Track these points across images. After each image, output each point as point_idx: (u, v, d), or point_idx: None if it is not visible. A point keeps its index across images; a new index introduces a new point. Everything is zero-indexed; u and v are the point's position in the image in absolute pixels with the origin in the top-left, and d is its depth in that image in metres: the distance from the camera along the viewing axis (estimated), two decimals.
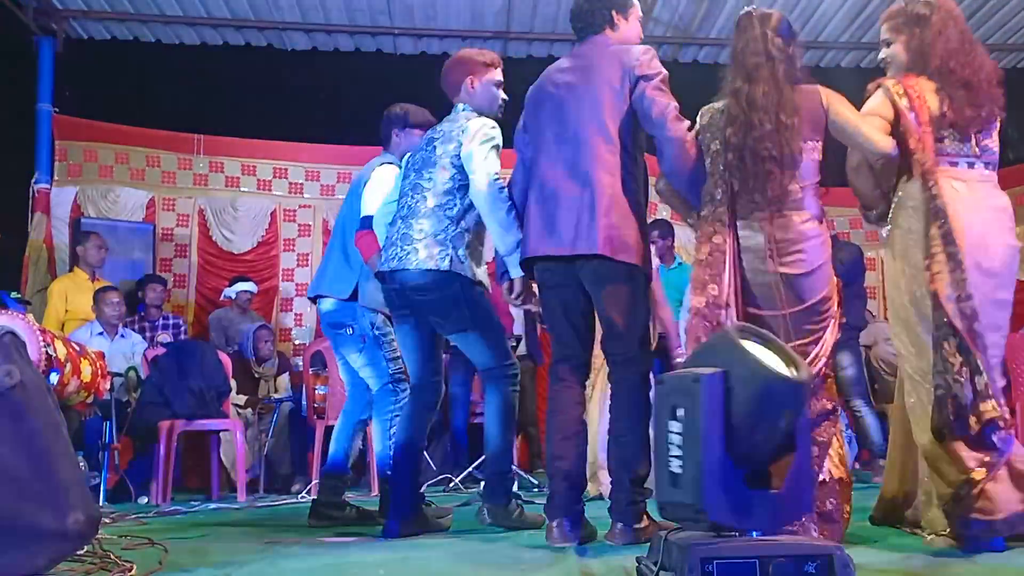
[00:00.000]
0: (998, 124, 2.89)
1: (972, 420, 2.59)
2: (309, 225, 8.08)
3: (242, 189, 8.01)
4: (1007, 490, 2.58)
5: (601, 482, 4.45)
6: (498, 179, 3.19)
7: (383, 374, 3.72)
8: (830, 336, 2.81)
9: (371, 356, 3.73)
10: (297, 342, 7.86)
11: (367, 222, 3.66)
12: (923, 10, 2.96)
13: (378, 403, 3.73)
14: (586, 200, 2.90)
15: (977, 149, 2.84)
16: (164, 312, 6.72)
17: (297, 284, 8.03)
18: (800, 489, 1.91)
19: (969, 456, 2.61)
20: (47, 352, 3.43)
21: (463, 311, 3.26)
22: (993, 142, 2.88)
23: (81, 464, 3.37)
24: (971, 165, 2.85)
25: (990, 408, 2.59)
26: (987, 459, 2.60)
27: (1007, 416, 2.67)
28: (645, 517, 2.90)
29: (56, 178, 7.40)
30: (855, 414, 5.53)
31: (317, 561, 2.64)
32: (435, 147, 3.35)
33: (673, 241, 5.84)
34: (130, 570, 2.26)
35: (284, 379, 6.71)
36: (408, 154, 3.59)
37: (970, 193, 2.79)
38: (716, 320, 2.73)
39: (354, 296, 3.73)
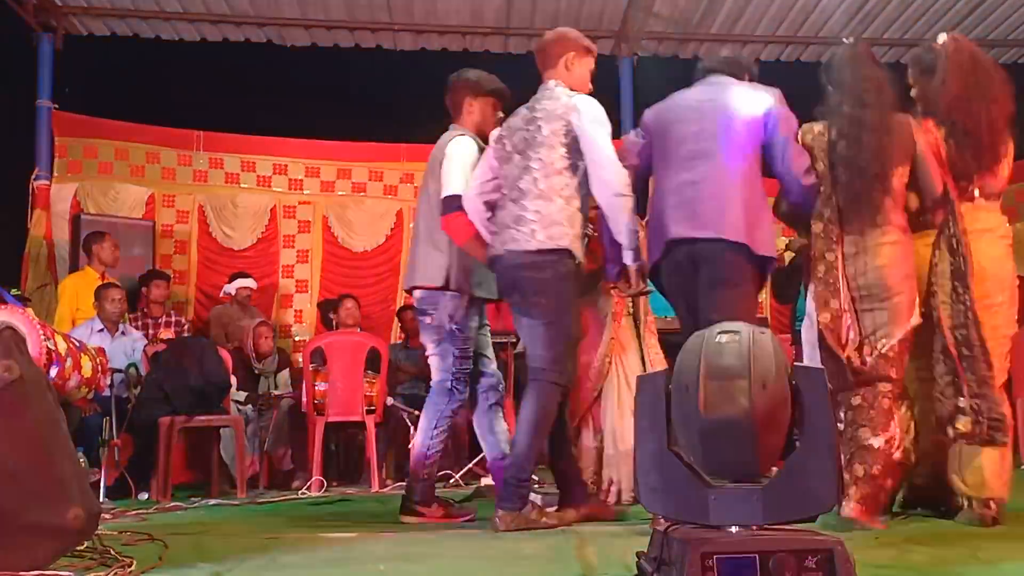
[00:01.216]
0: (1001, 161, 3.20)
1: (949, 431, 3.07)
2: (309, 221, 8.08)
3: (242, 185, 8.01)
4: None
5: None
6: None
7: (446, 370, 3.59)
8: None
9: (443, 349, 3.59)
10: (297, 338, 7.86)
11: (453, 202, 3.47)
12: (929, 58, 3.30)
13: (435, 398, 3.62)
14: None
15: (977, 185, 3.18)
16: (166, 309, 6.72)
17: (297, 280, 8.03)
18: (798, 490, 1.88)
19: None
20: (47, 346, 3.42)
21: (545, 299, 3.20)
22: (994, 176, 3.19)
23: (81, 460, 3.37)
24: (972, 199, 3.18)
25: (963, 424, 3.04)
26: None
27: (997, 416, 3.02)
28: None
29: (56, 174, 7.41)
30: None
31: (317, 557, 2.64)
32: (540, 125, 3.26)
33: None
34: (130, 566, 2.26)
35: (284, 375, 6.71)
36: (498, 134, 3.45)
37: (969, 220, 3.14)
38: (840, 331, 3.06)
39: (447, 284, 3.56)
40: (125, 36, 7.85)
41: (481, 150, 3.57)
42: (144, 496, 5.00)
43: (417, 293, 3.67)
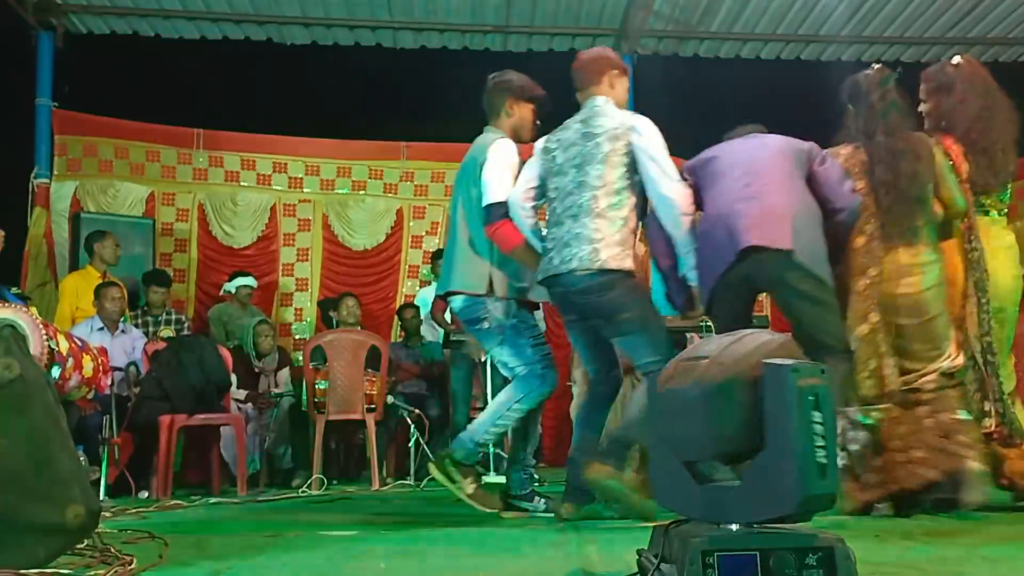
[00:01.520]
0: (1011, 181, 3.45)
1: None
2: (309, 220, 8.09)
3: (242, 184, 8.01)
4: None
5: None
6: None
7: (529, 359, 3.53)
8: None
9: (514, 345, 3.54)
10: (297, 337, 7.86)
11: (499, 210, 3.45)
12: (947, 77, 3.45)
13: (522, 382, 3.54)
14: None
15: (991, 200, 3.40)
16: (166, 307, 6.73)
17: (297, 279, 8.04)
18: (773, 488, 1.87)
19: None
20: (49, 346, 3.42)
21: (630, 313, 3.20)
22: (1005, 192, 3.43)
23: (81, 458, 3.37)
24: (986, 213, 3.40)
25: (987, 425, 3.29)
26: None
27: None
28: None
29: (56, 173, 7.43)
30: None
31: (318, 554, 2.64)
32: (599, 142, 3.25)
33: None
34: (130, 564, 2.25)
35: (284, 374, 6.72)
36: (546, 146, 3.42)
37: (983, 237, 3.34)
38: (875, 345, 3.19)
39: (490, 290, 3.53)
40: (125, 34, 7.85)
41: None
42: (144, 494, 5.01)
43: (458, 302, 3.61)
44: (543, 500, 3.66)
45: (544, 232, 3.42)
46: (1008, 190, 3.48)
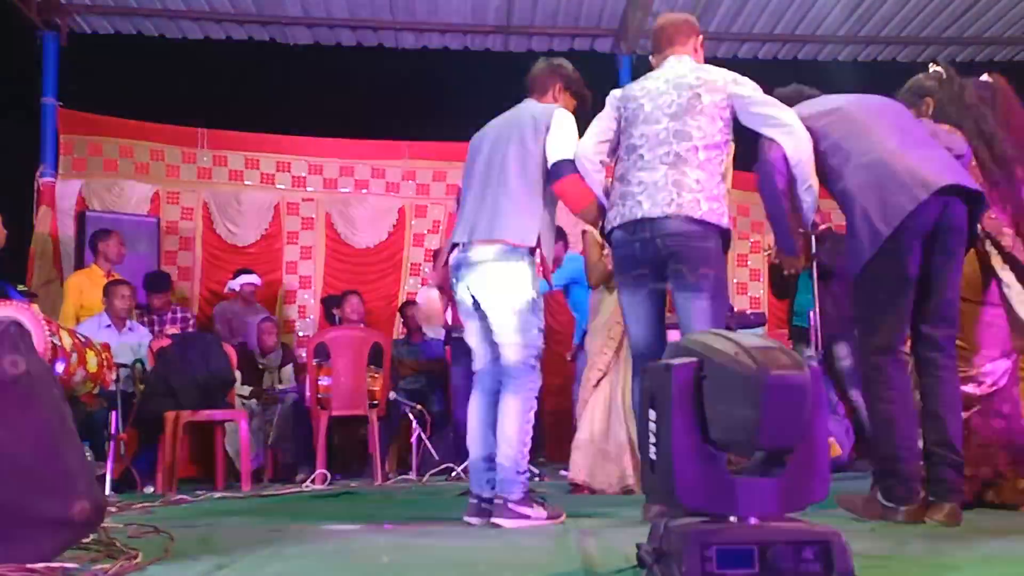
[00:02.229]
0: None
1: None
2: (312, 218, 8.11)
3: (246, 182, 8.04)
4: None
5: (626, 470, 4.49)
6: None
7: (530, 345, 3.25)
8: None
9: (524, 320, 3.24)
10: (301, 334, 7.89)
11: (570, 167, 3.26)
12: (988, 91, 3.43)
13: (516, 379, 3.23)
14: None
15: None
16: (173, 306, 6.75)
17: (300, 277, 8.07)
18: (806, 477, 1.90)
19: None
20: (52, 342, 3.45)
21: (712, 270, 3.06)
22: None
23: (87, 454, 3.39)
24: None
25: None
26: None
27: None
28: None
29: (61, 172, 7.45)
30: (852, 405, 5.55)
31: (322, 549, 2.66)
32: (698, 93, 3.12)
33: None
34: (136, 558, 2.27)
35: (288, 370, 6.74)
36: (625, 95, 3.28)
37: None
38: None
39: (536, 246, 3.27)
40: (129, 34, 7.87)
41: None
42: (150, 490, 5.04)
43: (487, 254, 3.26)
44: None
45: (615, 183, 3.25)
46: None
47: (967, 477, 3.04)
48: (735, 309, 7.42)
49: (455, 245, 3.41)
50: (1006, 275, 3.20)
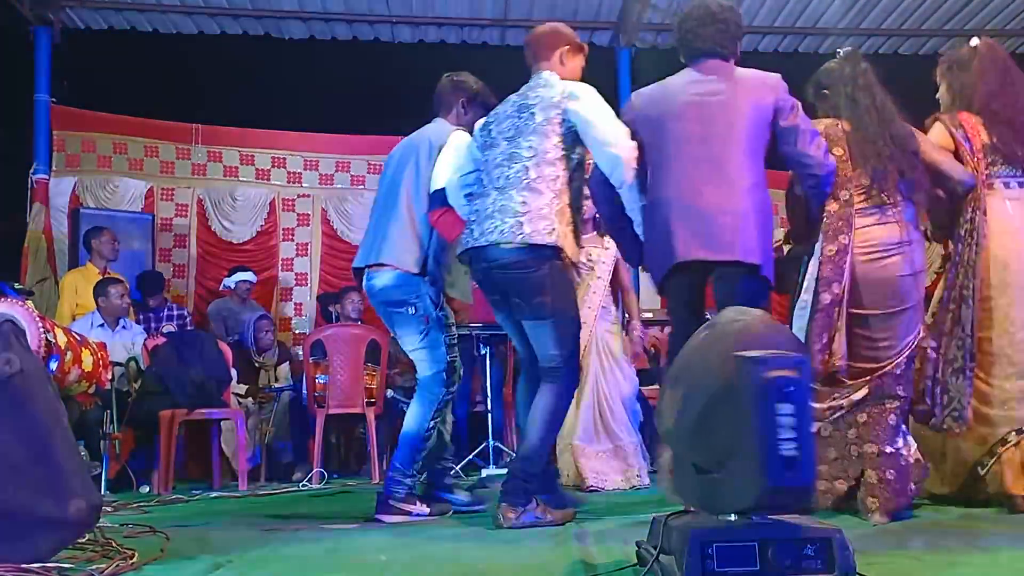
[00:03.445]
0: None
1: None
2: (308, 214, 8.09)
3: (241, 179, 8.01)
4: None
5: (583, 467, 4.49)
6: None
7: (441, 360, 3.46)
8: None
9: (432, 339, 3.45)
10: (297, 331, 7.87)
11: (443, 197, 3.39)
12: (965, 55, 3.35)
13: (425, 388, 3.49)
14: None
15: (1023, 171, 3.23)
16: (168, 303, 6.73)
17: (296, 274, 8.04)
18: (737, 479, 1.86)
19: None
20: (47, 338, 3.43)
21: (547, 297, 3.05)
22: None
23: (82, 453, 3.37)
24: (1021, 184, 3.23)
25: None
26: None
27: None
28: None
29: (55, 168, 7.41)
30: None
31: (319, 547, 2.65)
32: (534, 114, 3.11)
33: None
34: (132, 558, 2.26)
35: (284, 368, 6.72)
36: (484, 122, 3.32)
37: (1021, 209, 3.19)
38: (832, 316, 2.97)
39: (422, 272, 3.43)
40: (123, 29, 7.83)
41: None
42: (145, 489, 5.02)
43: (388, 278, 3.45)
44: (466, 494, 3.68)
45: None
46: None
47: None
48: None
49: (359, 270, 3.59)
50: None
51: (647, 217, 3.10)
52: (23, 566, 2.03)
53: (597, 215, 3.32)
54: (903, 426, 3.04)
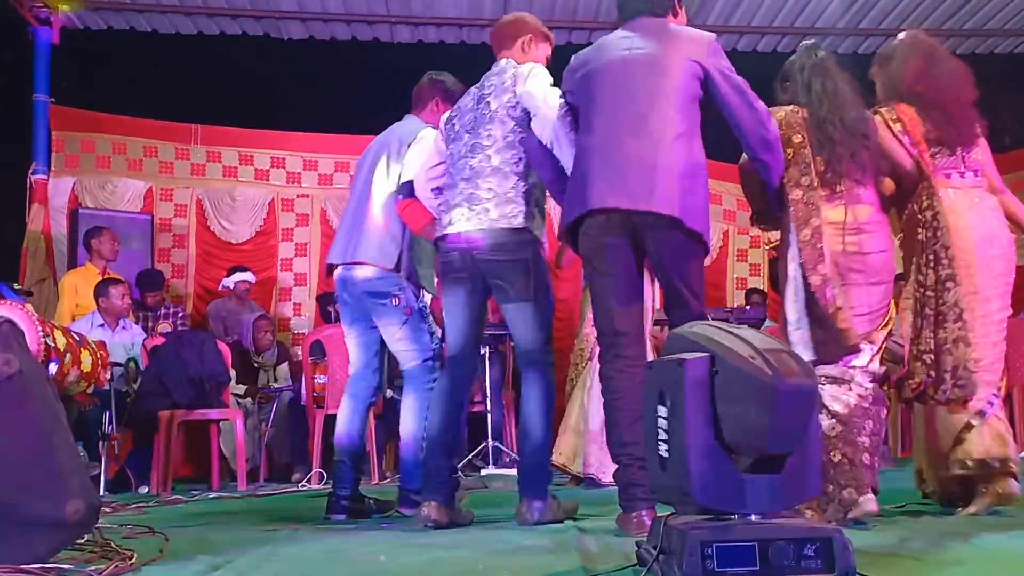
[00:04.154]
0: (981, 140, 3.28)
1: None
2: (307, 215, 8.08)
3: (240, 179, 8.00)
4: None
5: (589, 453, 4.53)
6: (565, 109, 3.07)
7: (425, 349, 3.57)
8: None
9: (414, 329, 3.56)
10: (296, 331, 7.86)
11: (411, 188, 3.47)
12: (888, 50, 3.43)
13: (415, 379, 3.58)
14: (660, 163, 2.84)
15: (964, 161, 3.24)
16: (166, 303, 6.72)
17: (296, 274, 8.04)
18: (804, 473, 1.89)
19: None
20: (46, 342, 3.43)
21: (530, 279, 3.11)
22: (978, 153, 3.26)
23: (81, 454, 3.36)
24: (962, 175, 3.24)
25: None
26: None
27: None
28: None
29: (53, 168, 7.41)
30: None
31: (317, 548, 2.65)
32: (488, 103, 3.21)
33: None
34: (131, 559, 2.25)
35: (283, 368, 6.72)
36: (448, 116, 3.41)
37: (966, 197, 3.21)
38: (825, 295, 2.94)
39: (397, 267, 3.56)
40: (122, 30, 7.83)
41: None
42: (144, 490, 5.02)
43: (367, 272, 3.55)
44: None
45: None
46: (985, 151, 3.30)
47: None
48: (735, 304, 7.43)
49: (332, 266, 3.71)
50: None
51: (572, 169, 3.04)
52: (22, 567, 2.03)
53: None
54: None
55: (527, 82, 3.13)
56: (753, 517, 1.84)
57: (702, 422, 1.84)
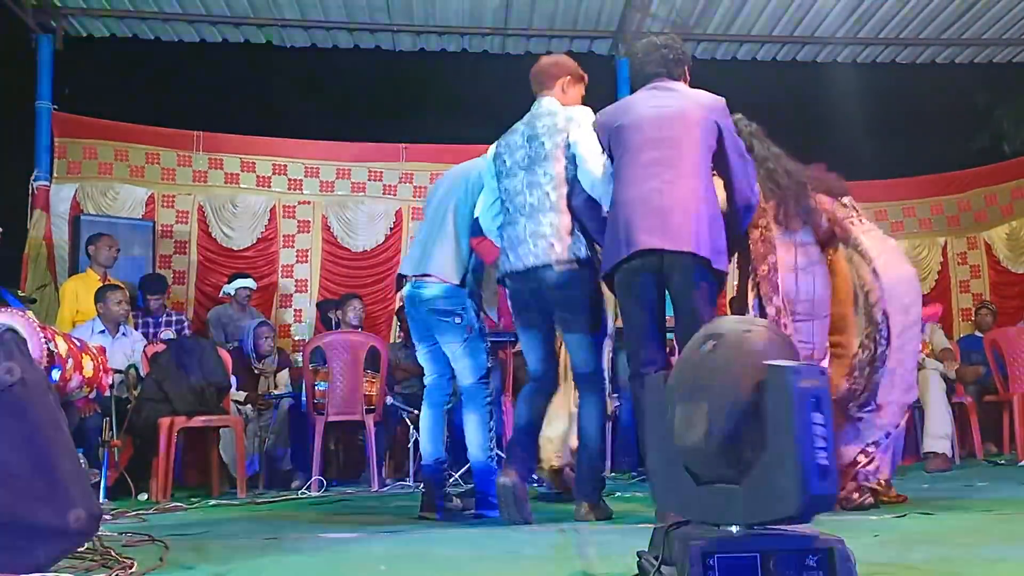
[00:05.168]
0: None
1: None
2: (308, 221, 8.09)
3: (241, 186, 8.02)
4: None
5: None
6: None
7: (481, 367, 3.74)
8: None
9: (474, 347, 3.72)
10: (297, 338, 7.87)
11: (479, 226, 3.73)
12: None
13: (473, 396, 3.75)
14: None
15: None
16: (167, 309, 6.72)
17: (296, 280, 8.04)
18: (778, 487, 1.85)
19: None
20: (48, 349, 3.42)
21: (591, 313, 3.40)
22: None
23: (81, 461, 3.36)
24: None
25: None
26: None
27: None
28: None
29: (55, 175, 7.42)
30: None
31: (318, 556, 2.64)
32: (543, 141, 3.42)
33: None
34: (131, 567, 2.25)
35: (284, 375, 6.71)
36: (496, 152, 3.60)
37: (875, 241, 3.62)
38: (781, 327, 3.29)
39: (463, 283, 3.71)
40: (124, 37, 7.86)
41: None
42: (144, 497, 5.01)
43: (436, 289, 3.71)
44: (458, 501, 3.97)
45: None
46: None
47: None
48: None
49: (402, 276, 3.91)
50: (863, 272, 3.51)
51: (609, 218, 3.34)
52: None
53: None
54: None
55: (580, 131, 3.39)
56: (755, 528, 1.83)
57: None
